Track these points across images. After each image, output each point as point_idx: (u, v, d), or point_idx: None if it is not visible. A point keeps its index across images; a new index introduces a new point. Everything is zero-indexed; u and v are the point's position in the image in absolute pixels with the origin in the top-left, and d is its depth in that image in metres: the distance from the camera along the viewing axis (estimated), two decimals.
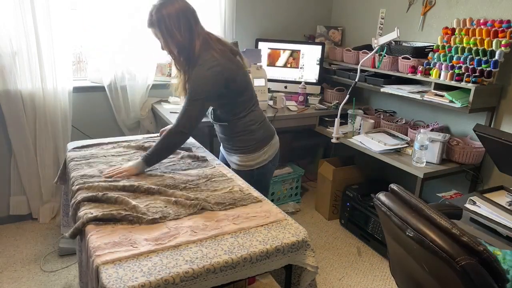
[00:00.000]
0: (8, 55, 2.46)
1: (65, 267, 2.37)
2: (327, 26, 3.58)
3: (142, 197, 1.54)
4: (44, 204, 2.81)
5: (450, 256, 1.07)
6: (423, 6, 2.79)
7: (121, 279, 1.10)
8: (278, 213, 1.49)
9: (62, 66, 2.63)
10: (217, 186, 1.68)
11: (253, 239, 1.33)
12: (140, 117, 2.98)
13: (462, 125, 2.63)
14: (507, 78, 2.34)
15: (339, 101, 2.85)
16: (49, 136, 2.70)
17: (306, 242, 1.36)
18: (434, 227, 1.17)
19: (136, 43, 2.81)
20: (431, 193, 2.79)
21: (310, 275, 1.41)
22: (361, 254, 2.67)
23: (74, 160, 1.87)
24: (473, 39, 2.33)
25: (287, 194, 3.17)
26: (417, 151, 2.31)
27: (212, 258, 1.22)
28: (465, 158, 2.34)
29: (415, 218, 1.23)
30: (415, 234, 1.19)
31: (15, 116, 2.58)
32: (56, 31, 2.55)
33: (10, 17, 2.41)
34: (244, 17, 3.25)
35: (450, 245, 1.10)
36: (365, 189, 2.86)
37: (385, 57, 2.73)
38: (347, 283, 2.37)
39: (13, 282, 2.22)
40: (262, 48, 3.23)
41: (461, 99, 2.26)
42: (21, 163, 2.68)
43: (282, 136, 2.54)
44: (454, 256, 1.07)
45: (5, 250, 2.51)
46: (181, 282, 1.14)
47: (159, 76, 3.07)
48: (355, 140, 2.70)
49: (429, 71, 2.50)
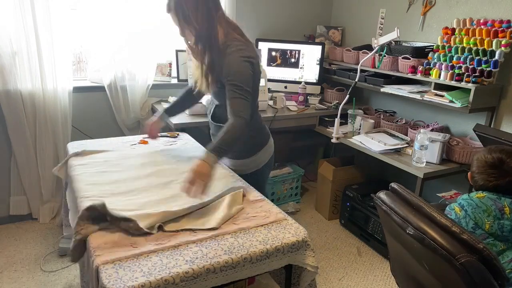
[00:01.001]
0: (8, 55, 2.46)
1: (65, 267, 2.37)
2: (327, 26, 3.58)
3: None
4: (44, 204, 2.81)
5: (450, 254, 1.08)
6: (423, 6, 2.79)
7: (121, 279, 1.10)
8: (278, 213, 1.49)
9: (62, 66, 2.63)
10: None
11: (253, 239, 1.33)
12: (140, 117, 2.98)
13: (462, 125, 2.63)
14: (507, 78, 2.34)
15: (339, 101, 2.85)
16: (49, 136, 2.70)
17: (306, 242, 1.36)
18: (434, 225, 1.17)
19: (136, 43, 2.81)
20: (431, 193, 2.79)
21: (310, 275, 1.41)
22: (361, 254, 2.67)
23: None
24: (473, 39, 2.33)
25: (287, 194, 3.17)
26: (417, 151, 2.31)
27: (212, 258, 1.22)
28: (465, 158, 2.34)
29: (416, 216, 1.23)
30: (415, 232, 1.19)
31: (15, 116, 2.58)
32: (56, 31, 2.55)
33: (10, 17, 2.40)
34: (244, 17, 3.25)
35: (450, 243, 1.10)
36: (365, 189, 2.86)
37: (385, 57, 2.73)
38: (347, 283, 2.37)
39: (13, 282, 2.22)
40: (262, 48, 3.24)
41: (461, 99, 2.26)
42: (21, 163, 2.68)
43: (282, 136, 2.54)
44: (454, 254, 1.07)
45: (5, 250, 2.51)
46: (181, 282, 1.14)
47: (159, 76, 3.07)
48: (355, 140, 2.70)
49: (429, 71, 2.50)
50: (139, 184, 1.65)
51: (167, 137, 2.32)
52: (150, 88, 2.96)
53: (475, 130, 1.80)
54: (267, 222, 1.43)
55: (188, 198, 1.50)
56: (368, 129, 2.78)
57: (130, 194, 1.57)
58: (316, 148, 3.74)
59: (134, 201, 1.51)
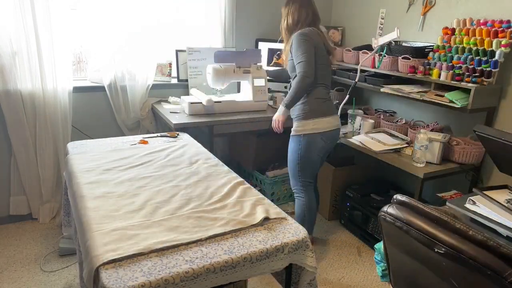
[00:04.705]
0: (8, 55, 2.46)
1: (65, 267, 2.37)
2: (327, 26, 3.58)
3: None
4: (44, 204, 2.81)
5: (496, 272, 1.01)
6: (423, 6, 2.79)
7: (121, 279, 1.10)
8: (278, 213, 1.49)
9: (62, 66, 2.63)
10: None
11: (253, 239, 1.33)
12: (140, 117, 2.98)
13: (462, 125, 2.63)
14: (507, 78, 2.34)
15: (339, 101, 2.84)
16: (49, 136, 2.70)
17: (305, 242, 1.36)
18: (467, 241, 1.09)
19: (136, 43, 2.81)
20: (431, 193, 2.79)
21: (309, 275, 1.42)
22: (361, 254, 2.67)
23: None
24: (473, 39, 2.33)
25: (287, 194, 3.17)
26: (417, 151, 2.31)
27: (212, 258, 1.22)
28: (465, 158, 2.34)
29: (442, 233, 1.13)
30: (447, 250, 1.10)
31: (15, 116, 2.58)
32: (56, 31, 2.55)
33: (10, 17, 2.41)
34: (244, 17, 3.25)
35: (493, 260, 1.02)
36: (365, 189, 2.86)
37: (385, 57, 2.72)
38: (347, 283, 2.37)
39: (13, 282, 2.22)
40: (262, 48, 3.24)
41: (461, 99, 2.26)
42: (21, 163, 2.68)
43: (282, 136, 2.54)
44: (500, 272, 1.01)
45: (5, 250, 2.51)
46: (181, 282, 1.14)
47: (159, 76, 3.07)
48: (355, 140, 2.70)
49: (429, 71, 2.50)
50: (139, 184, 1.65)
51: (167, 137, 2.32)
52: (150, 88, 2.96)
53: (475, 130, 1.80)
54: (267, 222, 1.43)
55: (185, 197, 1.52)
56: (368, 129, 2.78)
57: (129, 194, 1.57)
58: None
59: (134, 201, 1.51)
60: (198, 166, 1.87)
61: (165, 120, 2.66)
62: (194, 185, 1.67)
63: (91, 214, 1.40)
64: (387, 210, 1.29)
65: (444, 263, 1.12)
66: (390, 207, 1.29)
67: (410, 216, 1.22)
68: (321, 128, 2.31)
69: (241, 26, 3.25)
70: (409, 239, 1.22)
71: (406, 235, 1.23)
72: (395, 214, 1.26)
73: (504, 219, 1.57)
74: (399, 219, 1.24)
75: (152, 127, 3.04)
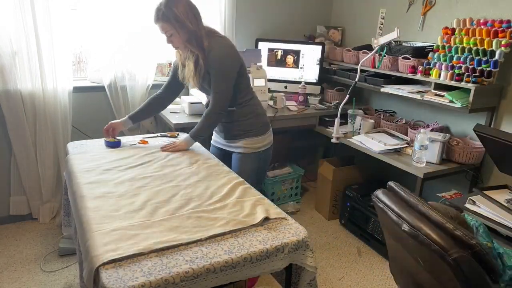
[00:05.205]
0: (8, 55, 2.46)
1: (65, 267, 2.37)
2: (327, 26, 3.58)
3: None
4: (44, 204, 2.81)
5: (443, 249, 1.09)
6: (423, 6, 2.79)
7: (121, 279, 1.10)
8: (278, 213, 1.49)
9: (62, 66, 2.63)
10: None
11: (253, 239, 1.33)
12: None
13: (462, 125, 2.63)
14: (507, 78, 2.34)
15: (339, 101, 2.85)
16: (49, 136, 2.69)
17: (305, 242, 1.36)
18: (428, 222, 1.19)
19: (136, 43, 2.81)
20: (431, 193, 2.78)
21: (309, 275, 1.42)
22: (361, 254, 2.67)
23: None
24: (473, 39, 2.33)
25: (287, 194, 3.17)
26: (417, 151, 2.31)
27: (212, 258, 1.22)
28: (465, 158, 2.34)
29: (411, 213, 1.25)
30: (410, 229, 1.20)
31: (15, 116, 2.58)
32: (56, 31, 2.55)
33: (10, 17, 2.41)
34: (244, 17, 3.25)
35: (443, 239, 1.11)
36: (365, 189, 2.86)
37: (385, 57, 2.73)
38: (347, 283, 2.37)
39: (13, 282, 2.22)
40: (262, 48, 3.23)
41: (461, 99, 2.26)
42: (21, 163, 2.68)
43: (282, 136, 2.54)
44: (446, 249, 1.09)
45: (5, 250, 2.51)
46: (181, 282, 1.14)
47: (159, 76, 3.07)
48: (355, 140, 2.70)
49: (429, 71, 2.50)
50: (139, 184, 1.65)
51: (167, 137, 2.32)
52: (150, 88, 2.96)
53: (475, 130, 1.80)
54: (267, 222, 1.43)
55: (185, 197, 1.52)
56: (368, 129, 2.78)
57: (129, 194, 1.57)
58: (316, 148, 3.74)
59: (134, 201, 1.51)
60: (198, 166, 1.87)
61: (165, 120, 2.66)
62: (194, 185, 1.67)
63: (91, 214, 1.40)
64: (376, 193, 1.43)
65: (410, 241, 1.23)
66: (379, 191, 1.43)
67: (389, 199, 1.37)
68: (272, 139, 2.20)
69: (241, 26, 3.25)
70: (388, 220, 1.35)
71: (385, 216, 1.36)
72: (380, 196, 1.40)
73: (504, 219, 1.57)
74: (381, 201, 1.39)
75: (152, 127, 3.04)
